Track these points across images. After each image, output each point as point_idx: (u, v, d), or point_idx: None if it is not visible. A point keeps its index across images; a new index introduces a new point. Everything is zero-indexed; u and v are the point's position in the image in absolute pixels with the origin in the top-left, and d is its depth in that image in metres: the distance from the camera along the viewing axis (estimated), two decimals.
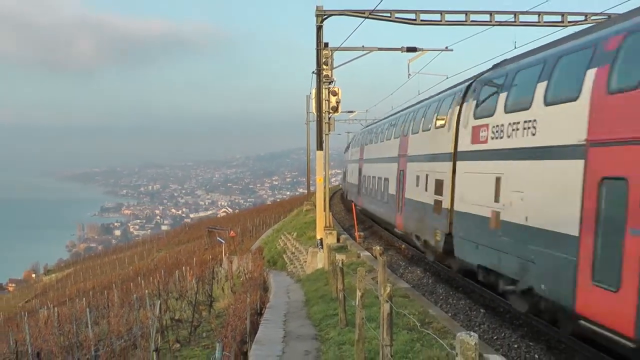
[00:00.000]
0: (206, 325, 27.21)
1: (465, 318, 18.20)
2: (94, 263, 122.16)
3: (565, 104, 14.53)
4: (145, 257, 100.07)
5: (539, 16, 29.82)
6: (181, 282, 41.82)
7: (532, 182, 15.88)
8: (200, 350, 22.48)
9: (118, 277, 76.06)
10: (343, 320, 15.73)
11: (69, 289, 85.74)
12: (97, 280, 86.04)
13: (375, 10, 28.65)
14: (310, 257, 31.35)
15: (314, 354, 13.54)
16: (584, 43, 14.72)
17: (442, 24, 29.81)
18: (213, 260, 55.07)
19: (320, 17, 29.91)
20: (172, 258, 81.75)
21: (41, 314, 47.82)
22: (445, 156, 22.99)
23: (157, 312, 23.63)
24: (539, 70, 16.35)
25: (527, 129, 16.37)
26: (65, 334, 30.12)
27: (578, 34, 16.15)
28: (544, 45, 17.73)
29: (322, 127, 30.86)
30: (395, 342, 10.92)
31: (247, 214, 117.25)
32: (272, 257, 42.96)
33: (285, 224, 59.00)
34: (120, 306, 38.57)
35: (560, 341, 14.77)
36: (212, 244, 75.56)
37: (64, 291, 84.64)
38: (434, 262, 26.24)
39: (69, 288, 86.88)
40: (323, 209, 31.41)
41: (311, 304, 20.70)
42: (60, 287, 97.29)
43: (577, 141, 13.61)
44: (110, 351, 19.50)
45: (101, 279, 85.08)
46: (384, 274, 15.98)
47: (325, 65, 30.49)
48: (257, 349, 14.44)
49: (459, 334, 5.70)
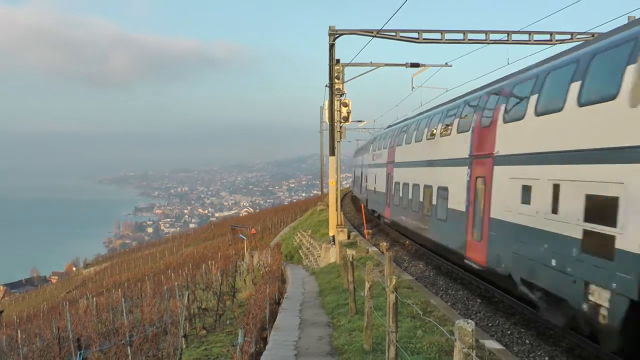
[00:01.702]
0: (230, 314, 27.26)
1: (463, 307, 18.18)
2: (128, 257, 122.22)
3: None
4: (175, 252, 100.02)
5: (530, 35, 29.80)
6: (207, 275, 41.83)
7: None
8: (224, 336, 22.49)
9: (150, 270, 76.06)
10: (353, 309, 15.73)
11: (106, 280, 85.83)
12: (131, 273, 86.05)
13: (382, 30, 28.70)
14: (323, 252, 31.36)
15: (326, 340, 13.55)
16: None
17: (442, 42, 29.84)
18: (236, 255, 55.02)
19: (333, 36, 29.98)
20: (199, 253, 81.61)
21: (81, 304, 47.99)
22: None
23: (186, 302, 23.68)
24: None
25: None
26: (102, 321, 30.27)
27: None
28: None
29: (334, 135, 30.88)
30: (400, 328, 10.93)
31: (267, 214, 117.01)
32: (289, 252, 42.92)
33: (301, 223, 58.89)
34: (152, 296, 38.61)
35: (548, 328, 14.74)
36: (235, 240, 75.49)
37: (102, 283, 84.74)
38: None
39: (106, 280, 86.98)
40: (335, 208, 31.41)
41: (324, 294, 20.69)
42: (98, 279, 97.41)
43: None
44: (143, 337, 19.49)
45: (135, 272, 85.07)
46: (390, 267, 15.96)
47: (337, 79, 30.53)
48: (275, 335, 14.45)
49: (457, 321, 5.70)
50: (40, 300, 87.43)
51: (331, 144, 31.12)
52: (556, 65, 15.19)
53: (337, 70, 30.57)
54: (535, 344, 14.05)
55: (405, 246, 30.49)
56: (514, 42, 29.88)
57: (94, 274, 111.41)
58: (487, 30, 29.67)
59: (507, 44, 29.95)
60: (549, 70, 15.36)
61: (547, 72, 15.46)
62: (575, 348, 13.22)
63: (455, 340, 5.63)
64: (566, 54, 15.23)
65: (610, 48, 12.66)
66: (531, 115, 15.56)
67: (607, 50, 12.72)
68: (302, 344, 13.27)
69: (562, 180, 13.51)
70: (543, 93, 15.22)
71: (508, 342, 14.35)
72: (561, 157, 13.70)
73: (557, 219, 13.56)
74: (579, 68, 13.44)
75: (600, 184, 11.88)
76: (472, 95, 21.80)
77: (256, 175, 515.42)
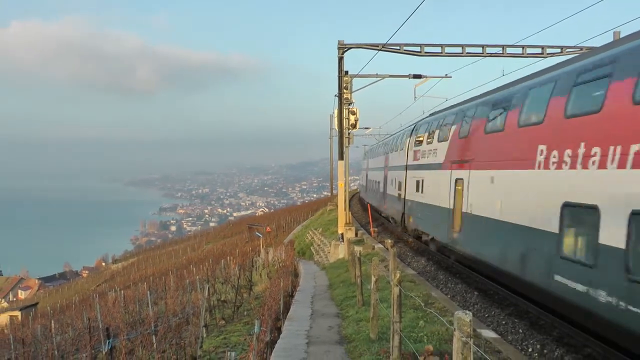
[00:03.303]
0: (247, 305, 27.27)
1: (462, 299, 18.16)
2: (153, 254, 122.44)
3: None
4: (196, 249, 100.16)
5: (523, 49, 29.78)
6: (226, 270, 41.86)
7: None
8: (241, 325, 22.50)
9: (173, 266, 76.18)
10: (360, 301, 15.77)
11: (133, 275, 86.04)
12: (156, 267, 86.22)
13: (387, 44, 28.71)
14: (333, 248, 31.37)
15: (336, 329, 13.58)
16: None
17: (443, 55, 29.83)
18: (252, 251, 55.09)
19: (342, 49, 30.04)
20: (218, 249, 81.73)
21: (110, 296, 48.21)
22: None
23: (206, 294, 23.73)
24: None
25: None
26: (129, 312, 30.36)
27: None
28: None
29: (343, 141, 30.93)
30: (403, 319, 10.96)
31: (281, 213, 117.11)
32: (302, 249, 42.93)
33: (313, 221, 58.93)
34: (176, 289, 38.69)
35: (540, 318, 14.72)
36: (252, 237, 75.52)
37: (129, 277, 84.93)
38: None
39: (133, 274, 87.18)
40: (344, 208, 31.44)
41: (334, 287, 20.72)
42: (125, 273, 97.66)
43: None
44: (167, 327, 19.54)
45: (159, 267, 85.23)
46: (394, 262, 15.96)
47: (345, 90, 30.60)
48: (289, 325, 14.49)
49: (456, 312, 5.73)
50: (72, 293, 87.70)
51: (340, 149, 31.16)
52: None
53: (345, 81, 30.64)
54: (527, 333, 14.04)
55: (409, 243, 30.49)
56: (508, 55, 29.83)
57: (121, 269, 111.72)
58: (483, 44, 29.63)
59: (502, 56, 29.92)
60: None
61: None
62: (565, 337, 13.19)
63: (455, 330, 5.65)
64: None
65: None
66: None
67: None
68: (313, 333, 13.31)
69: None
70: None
71: (503, 332, 14.33)
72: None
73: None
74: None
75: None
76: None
77: (271, 177, 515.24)
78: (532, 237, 14.02)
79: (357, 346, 11.62)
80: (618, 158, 10.50)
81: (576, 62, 13.85)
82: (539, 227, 13.65)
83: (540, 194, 13.68)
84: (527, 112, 15.21)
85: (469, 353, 5.50)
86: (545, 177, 13.41)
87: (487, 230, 17.58)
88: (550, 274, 12.95)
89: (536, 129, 14.17)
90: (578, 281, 11.74)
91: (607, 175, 10.87)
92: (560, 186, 12.70)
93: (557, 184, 12.85)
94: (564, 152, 12.56)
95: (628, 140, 10.25)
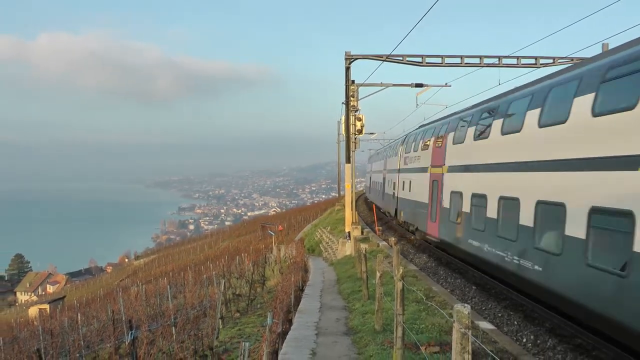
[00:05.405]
0: (260, 299, 27.33)
1: (461, 293, 18.17)
2: (173, 251, 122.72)
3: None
4: (213, 246, 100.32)
5: (518, 59, 29.67)
6: (240, 266, 41.97)
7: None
8: (255, 317, 22.56)
9: (192, 262, 76.35)
10: (366, 295, 15.77)
11: (154, 270, 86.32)
12: (175, 264, 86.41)
13: (391, 55, 28.75)
14: (340, 246, 31.38)
15: (343, 321, 13.60)
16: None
17: (443, 65, 29.78)
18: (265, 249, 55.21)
19: (349, 60, 30.03)
20: (233, 247, 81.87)
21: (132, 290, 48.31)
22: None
23: (222, 289, 23.81)
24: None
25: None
26: (151, 305, 30.48)
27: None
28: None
29: (349, 145, 30.92)
30: (406, 311, 11.00)
31: (292, 213, 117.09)
32: (311, 246, 42.95)
33: (321, 221, 58.90)
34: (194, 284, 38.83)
35: (534, 310, 14.71)
36: (265, 236, 75.62)
37: (150, 272, 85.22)
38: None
39: (154, 270, 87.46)
40: (350, 208, 31.44)
41: (341, 282, 20.72)
42: (146, 269, 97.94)
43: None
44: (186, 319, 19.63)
45: (178, 263, 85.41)
46: (397, 259, 15.98)
47: (352, 97, 30.57)
48: (299, 317, 14.51)
49: (455, 305, 5.75)
50: (97, 287, 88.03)
51: (347, 153, 31.15)
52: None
53: (352, 89, 30.62)
54: (522, 325, 14.04)
55: (411, 241, 30.46)
56: (504, 65, 29.72)
57: (143, 265, 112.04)
58: (481, 55, 29.55)
59: (498, 67, 29.83)
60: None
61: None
62: (557, 328, 13.19)
63: (454, 322, 5.67)
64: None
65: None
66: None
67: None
68: (322, 324, 13.33)
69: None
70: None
71: (499, 323, 14.34)
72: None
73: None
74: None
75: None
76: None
77: (282, 179, 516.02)
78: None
79: (362, 337, 11.64)
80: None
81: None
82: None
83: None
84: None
85: (468, 343, 5.52)
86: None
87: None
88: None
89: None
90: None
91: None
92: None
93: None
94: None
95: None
